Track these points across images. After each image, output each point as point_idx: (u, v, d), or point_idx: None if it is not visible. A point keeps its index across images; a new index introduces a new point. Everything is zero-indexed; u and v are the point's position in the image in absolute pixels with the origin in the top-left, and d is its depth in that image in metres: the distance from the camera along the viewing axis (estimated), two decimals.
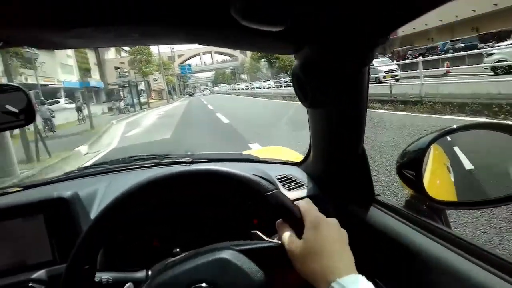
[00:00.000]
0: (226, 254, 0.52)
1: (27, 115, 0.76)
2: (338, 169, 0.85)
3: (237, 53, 72.68)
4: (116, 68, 42.83)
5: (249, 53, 48.89)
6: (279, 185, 0.95)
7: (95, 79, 39.85)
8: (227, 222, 0.86)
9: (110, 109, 28.02)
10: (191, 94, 75.83)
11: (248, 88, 41.61)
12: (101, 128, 13.32)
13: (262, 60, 49.38)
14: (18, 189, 0.97)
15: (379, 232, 0.73)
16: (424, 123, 5.97)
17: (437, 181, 0.79)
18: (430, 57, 14.29)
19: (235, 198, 0.79)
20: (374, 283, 0.62)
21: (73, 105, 27.37)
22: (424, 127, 5.39)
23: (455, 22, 25.26)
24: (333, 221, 0.53)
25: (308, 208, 0.53)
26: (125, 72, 34.94)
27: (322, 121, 0.81)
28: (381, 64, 16.65)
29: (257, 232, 0.61)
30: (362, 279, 0.44)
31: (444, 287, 0.56)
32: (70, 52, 32.52)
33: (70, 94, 36.28)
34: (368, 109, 0.76)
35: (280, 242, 0.53)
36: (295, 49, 0.69)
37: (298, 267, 0.49)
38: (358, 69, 0.66)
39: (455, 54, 13.11)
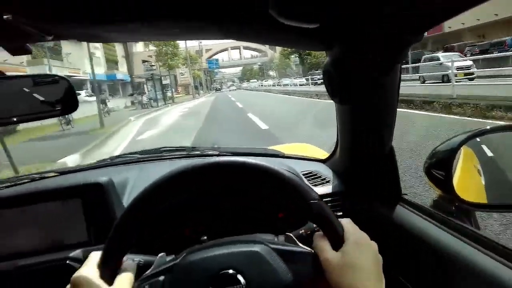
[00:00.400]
0: (259, 248, 0.53)
1: (69, 104, 0.79)
2: (364, 167, 0.86)
3: (266, 48, 71.32)
4: (144, 61, 42.24)
5: (278, 48, 48.10)
6: (305, 180, 0.97)
7: (122, 72, 39.69)
8: (253, 213, 0.88)
9: (132, 103, 26.17)
10: (217, 90, 76.32)
11: (275, 85, 40.47)
12: (112, 127, 11.69)
13: (293, 56, 46.51)
14: (55, 174, 1.03)
15: (405, 231, 0.75)
16: None
17: (467, 182, 0.79)
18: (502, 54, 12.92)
19: (269, 192, 0.76)
20: (398, 282, 0.75)
21: (94, 98, 25.79)
22: None
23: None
24: (374, 244, 0.54)
25: (351, 227, 0.54)
26: (152, 65, 34.30)
27: (351, 118, 0.82)
28: (449, 60, 13.68)
29: (292, 235, 0.62)
30: None
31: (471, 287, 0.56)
32: (98, 44, 31.20)
33: (98, 86, 35.06)
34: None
35: (313, 250, 0.54)
36: (327, 46, 0.71)
37: (333, 279, 0.49)
38: (390, 67, 0.67)
39: None
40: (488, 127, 0.77)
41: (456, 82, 11.80)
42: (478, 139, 0.79)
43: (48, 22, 0.57)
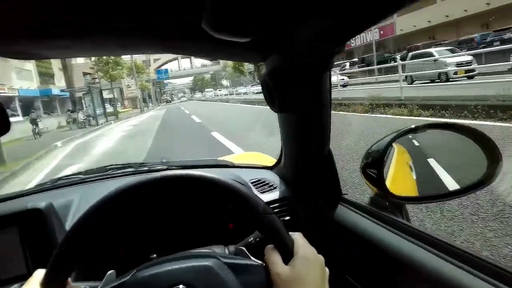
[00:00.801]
0: (211, 262, 0.54)
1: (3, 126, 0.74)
2: (307, 170, 0.91)
3: None
4: (85, 73, 37.69)
5: None
6: (253, 188, 1.01)
7: (60, 86, 34.52)
8: (202, 225, 0.89)
9: (67, 122, 22.15)
10: (168, 102, 74.79)
11: (231, 94, 39.13)
12: (21, 162, 8.56)
13: (247, 63, 44.53)
14: None
15: (347, 229, 0.80)
16: None
17: (400, 178, 0.87)
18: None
19: (217, 204, 0.79)
20: (345, 280, 0.79)
21: (19, 118, 21.49)
22: None
23: (462, 18, 26.59)
24: (321, 257, 0.57)
25: (301, 242, 0.57)
26: (95, 78, 29.98)
27: (291, 125, 0.88)
28: (445, 55, 11.96)
29: (243, 248, 0.64)
30: None
31: (408, 278, 0.62)
32: None
33: (28, 103, 29.83)
34: None
35: (263, 263, 0.56)
36: (263, 57, 0.77)
37: None
38: (320, 75, 0.74)
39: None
40: (412, 126, 0.83)
41: (454, 81, 10.26)
42: (410, 136, 0.86)
43: None
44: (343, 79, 17.85)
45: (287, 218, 0.92)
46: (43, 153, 9.83)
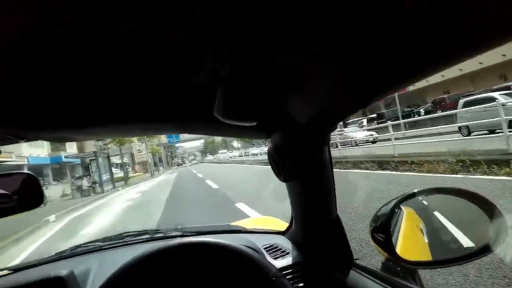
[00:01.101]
0: None
1: (34, 198, 0.80)
2: (317, 236, 0.94)
3: None
4: (98, 140, 36.65)
5: None
6: (266, 254, 1.03)
7: (70, 152, 34.23)
8: None
9: (71, 189, 20.77)
10: (179, 165, 75.25)
11: (244, 155, 38.97)
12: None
13: None
14: (9, 272, 1.02)
15: None
16: None
17: (410, 242, 0.86)
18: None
19: (230, 269, 0.81)
20: None
21: None
22: None
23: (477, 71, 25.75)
24: None
25: None
26: (106, 144, 28.38)
27: (298, 193, 0.93)
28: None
29: None
30: None
31: None
32: None
33: (37, 171, 28.77)
34: None
35: None
36: (268, 134, 0.87)
37: None
38: (319, 148, 0.83)
39: None
40: (415, 190, 0.86)
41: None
42: (419, 198, 0.88)
43: (17, 128, 0.64)
44: (372, 135, 16.97)
45: (301, 284, 0.93)
46: (27, 231, 8.19)
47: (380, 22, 0.39)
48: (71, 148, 36.34)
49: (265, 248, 1.06)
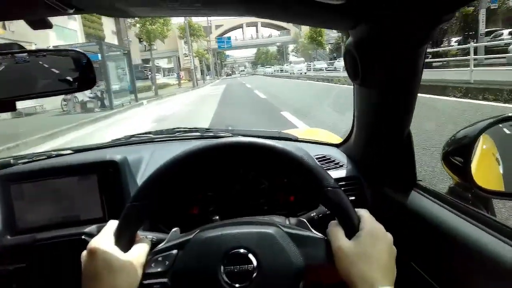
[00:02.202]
0: (272, 230, 0.56)
1: (86, 79, 0.80)
2: (380, 151, 0.91)
3: (289, 26, 59.24)
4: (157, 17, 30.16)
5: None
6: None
7: None
8: (264, 195, 0.95)
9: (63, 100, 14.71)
10: (229, 75, 72.40)
11: (310, 69, 33.01)
12: None
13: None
14: (71, 152, 1.10)
15: (419, 216, 0.79)
16: None
17: (484, 170, 0.83)
18: None
19: (284, 174, 0.81)
20: (410, 267, 0.77)
21: None
22: None
23: None
24: (389, 235, 0.57)
25: (368, 217, 0.57)
26: (152, 43, 24.74)
27: (370, 101, 0.86)
28: None
29: (305, 220, 0.65)
30: None
31: (487, 274, 0.60)
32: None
33: None
34: None
35: (325, 237, 0.58)
36: (351, 25, 0.73)
37: (343, 267, 0.53)
38: (416, 48, 0.68)
39: None
40: (510, 114, 0.80)
41: None
42: (500, 125, 0.82)
43: None
44: None
45: (352, 198, 0.93)
46: None
47: None
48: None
49: (317, 158, 1.05)
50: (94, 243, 0.54)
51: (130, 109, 13.77)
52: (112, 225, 0.58)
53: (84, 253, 0.54)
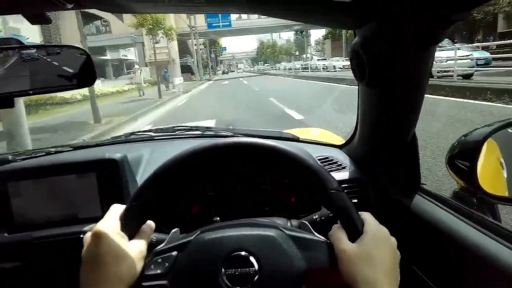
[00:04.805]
0: (274, 233, 0.57)
1: (86, 77, 0.80)
2: (384, 153, 0.92)
3: None
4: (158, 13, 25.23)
5: None
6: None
7: None
8: (265, 196, 0.97)
9: None
10: (224, 73, 67.24)
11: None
12: None
13: None
14: (70, 148, 1.12)
15: (422, 220, 0.81)
16: None
17: (489, 175, 0.84)
18: None
19: (287, 176, 0.84)
20: (411, 271, 0.78)
21: None
22: None
23: None
24: (393, 239, 0.58)
25: (371, 220, 0.58)
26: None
27: (376, 102, 0.86)
28: None
29: (307, 222, 0.66)
30: None
31: (490, 280, 0.61)
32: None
33: None
34: None
35: (328, 240, 0.59)
36: (358, 24, 0.75)
37: (347, 270, 0.53)
38: (425, 49, 0.68)
39: None
40: None
41: None
42: (509, 130, 0.84)
43: None
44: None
45: (355, 200, 0.92)
46: None
47: None
48: None
49: (319, 159, 1.07)
50: (99, 226, 0.53)
51: None
52: (116, 209, 0.58)
53: (88, 236, 0.54)
